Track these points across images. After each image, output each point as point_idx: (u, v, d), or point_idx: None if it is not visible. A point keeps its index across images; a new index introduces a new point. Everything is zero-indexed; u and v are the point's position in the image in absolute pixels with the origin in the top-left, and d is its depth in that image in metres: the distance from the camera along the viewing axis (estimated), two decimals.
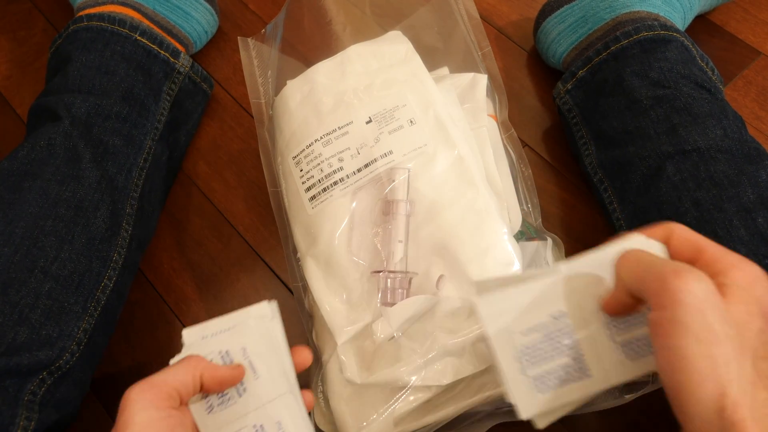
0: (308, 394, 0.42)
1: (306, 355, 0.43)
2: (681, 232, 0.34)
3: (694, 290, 0.28)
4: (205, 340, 0.41)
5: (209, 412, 0.40)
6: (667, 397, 0.30)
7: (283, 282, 0.62)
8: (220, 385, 0.39)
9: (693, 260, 0.33)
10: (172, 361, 0.39)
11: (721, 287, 0.30)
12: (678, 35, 0.60)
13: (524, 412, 0.35)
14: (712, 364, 0.28)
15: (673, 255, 0.34)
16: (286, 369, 0.41)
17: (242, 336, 0.41)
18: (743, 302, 0.30)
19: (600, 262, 0.34)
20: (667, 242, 0.34)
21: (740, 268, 0.32)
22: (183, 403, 0.38)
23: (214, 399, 0.40)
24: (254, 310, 0.42)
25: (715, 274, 0.31)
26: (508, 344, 0.35)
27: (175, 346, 0.60)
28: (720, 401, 0.27)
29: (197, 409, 0.39)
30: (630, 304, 0.32)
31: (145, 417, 0.35)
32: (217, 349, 0.40)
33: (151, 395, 0.36)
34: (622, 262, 0.32)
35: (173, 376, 0.37)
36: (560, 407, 0.36)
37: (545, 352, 0.35)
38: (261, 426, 0.40)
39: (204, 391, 0.39)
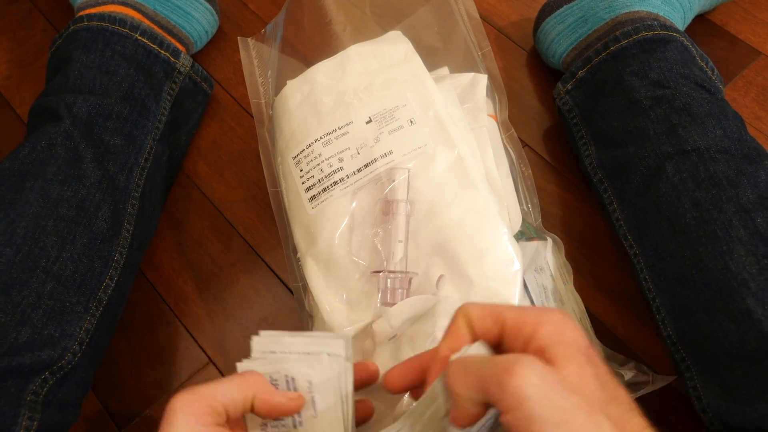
0: (367, 404, 0.41)
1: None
2: (474, 311, 0.34)
3: (530, 381, 0.28)
4: (274, 357, 0.38)
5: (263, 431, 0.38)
6: None
7: (283, 282, 0.62)
8: (271, 411, 0.37)
9: (500, 333, 0.32)
10: (238, 366, 0.37)
11: (542, 354, 0.30)
12: (678, 35, 0.60)
13: None
14: None
15: (480, 336, 0.33)
16: (346, 417, 0.38)
17: (312, 368, 0.38)
18: (568, 359, 0.30)
19: (430, 400, 0.34)
20: (470, 326, 0.34)
21: (545, 322, 0.31)
22: (230, 420, 0.36)
23: (270, 422, 0.38)
24: (330, 345, 0.38)
25: (528, 341, 0.31)
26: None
27: (175, 346, 0.60)
28: None
29: (253, 426, 0.38)
30: (479, 411, 0.31)
31: (187, 431, 0.33)
32: (284, 371, 0.38)
33: (196, 408, 0.34)
34: (452, 380, 0.31)
35: (223, 392, 0.35)
36: None
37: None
38: None
39: (254, 412, 0.37)
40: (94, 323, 0.52)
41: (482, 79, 0.60)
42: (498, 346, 0.33)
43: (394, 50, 0.58)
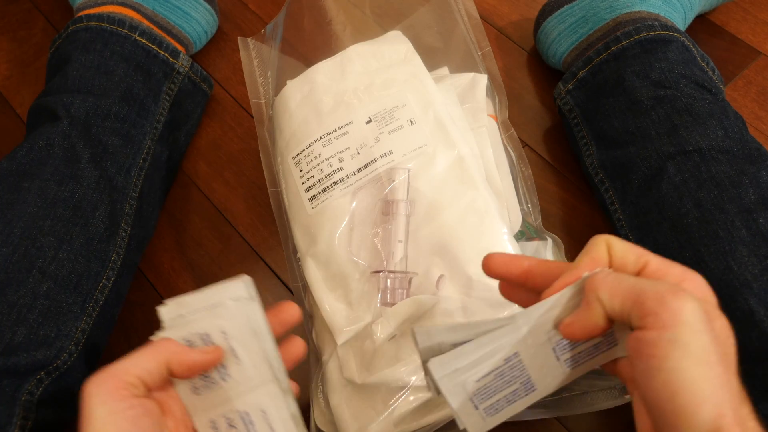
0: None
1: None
2: (617, 241, 0.34)
3: (694, 309, 0.28)
4: (184, 320, 0.39)
5: (194, 392, 0.38)
6: (651, 415, 0.30)
7: (283, 282, 0.62)
8: (190, 370, 0.37)
9: (638, 273, 0.32)
10: (152, 339, 0.37)
11: None
12: (678, 35, 0.60)
13: None
14: (712, 387, 0.28)
15: (618, 267, 0.33)
16: (269, 355, 0.39)
17: (221, 318, 0.38)
18: (714, 317, 0.30)
19: (554, 303, 0.34)
20: (610, 254, 0.34)
21: (691, 279, 0.31)
22: (151, 389, 0.36)
23: (197, 381, 0.38)
24: (231, 290, 0.39)
25: None
26: (462, 393, 0.35)
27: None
28: (717, 422, 0.27)
29: (183, 389, 0.38)
30: (603, 328, 0.31)
31: (105, 411, 0.33)
32: (196, 330, 0.38)
33: (110, 386, 0.34)
34: (600, 284, 0.31)
35: (135, 364, 0.35)
36: (508, 417, 0.37)
37: (497, 388, 0.36)
38: (246, 413, 0.38)
39: (174, 376, 0.37)
40: (90, 323, 0.52)
41: (482, 79, 0.60)
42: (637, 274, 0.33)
43: (394, 50, 0.58)
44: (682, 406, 0.28)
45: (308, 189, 0.54)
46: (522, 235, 0.56)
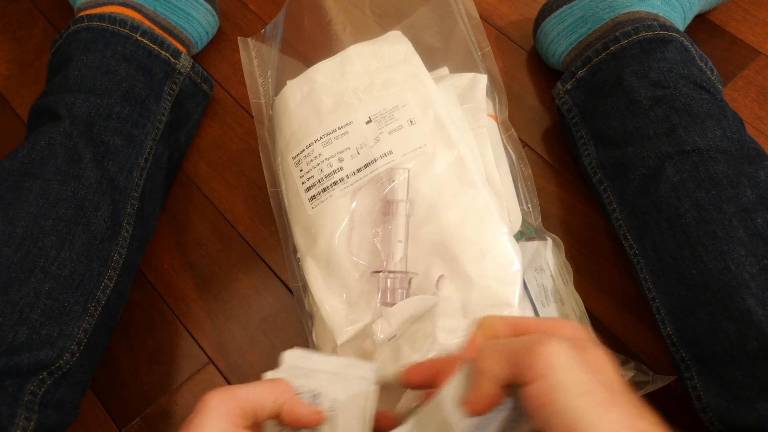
0: None
1: (389, 422, 0.41)
2: (491, 321, 0.35)
3: (560, 352, 0.30)
4: (303, 372, 0.39)
5: None
6: None
7: (283, 282, 0.62)
8: (296, 421, 0.37)
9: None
10: (264, 376, 0.37)
11: None
12: (677, 35, 0.60)
13: None
14: (599, 413, 0.29)
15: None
16: None
17: (338, 387, 0.38)
18: (590, 348, 0.32)
19: (443, 397, 0.35)
20: (490, 335, 0.35)
21: (563, 327, 0.33)
22: (256, 424, 0.37)
23: (288, 431, 0.38)
24: (359, 367, 0.39)
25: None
26: None
27: (175, 346, 0.60)
28: None
29: None
30: (499, 396, 0.33)
31: (217, 428, 0.34)
32: (311, 386, 0.38)
33: (229, 407, 0.34)
34: (482, 356, 0.33)
35: (255, 394, 0.36)
36: None
37: None
38: None
39: (279, 419, 0.37)
40: (92, 323, 0.52)
41: (482, 79, 0.60)
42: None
43: (394, 50, 0.58)
44: None
45: (308, 189, 0.54)
46: (522, 235, 0.56)
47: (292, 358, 0.39)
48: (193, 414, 0.34)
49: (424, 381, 0.39)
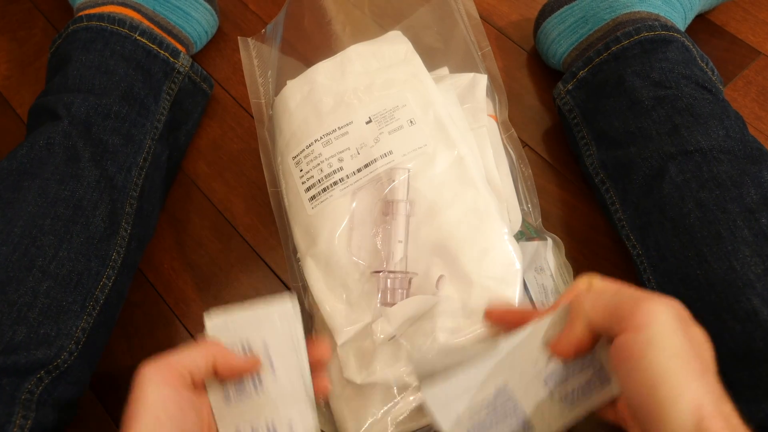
0: (323, 381, 0.43)
1: (324, 349, 0.43)
2: (598, 283, 0.36)
3: (664, 310, 0.30)
4: (227, 329, 0.41)
5: (226, 401, 0.40)
6: (636, 418, 0.31)
7: (283, 282, 0.62)
8: (232, 372, 0.39)
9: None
10: (198, 338, 0.40)
11: None
12: (678, 35, 0.60)
13: None
14: (689, 378, 0.29)
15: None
16: (303, 372, 0.41)
17: (265, 330, 0.41)
18: (694, 325, 0.32)
19: (536, 330, 0.36)
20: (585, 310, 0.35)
21: (667, 299, 0.33)
22: (195, 385, 0.38)
23: (231, 389, 0.40)
24: (277, 306, 0.42)
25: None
26: (458, 428, 0.37)
27: (175, 346, 0.60)
28: (698, 413, 0.28)
29: (215, 395, 0.40)
30: (587, 343, 0.33)
31: (158, 395, 0.35)
32: (239, 339, 0.41)
33: (164, 373, 0.36)
34: (582, 300, 0.33)
35: (187, 357, 0.38)
36: None
37: (493, 423, 0.37)
38: (273, 424, 0.40)
39: (217, 376, 0.39)
40: (90, 323, 0.52)
41: (482, 79, 0.60)
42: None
43: (394, 50, 0.58)
44: (662, 398, 0.29)
45: (308, 189, 0.54)
46: (522, 235, 0.56)
47: (214, 318, 0.42)
48: (133, 386, 0.36)
49: (504, 322, 0.40)
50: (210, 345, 0.39)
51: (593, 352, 0.35)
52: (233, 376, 0.39)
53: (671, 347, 0.29)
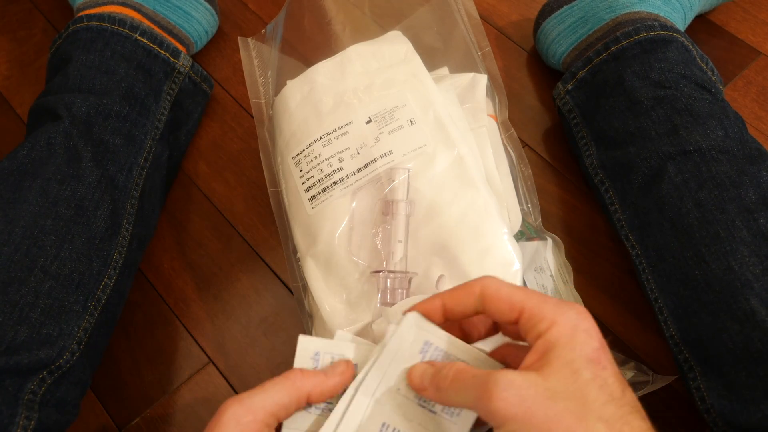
0: None
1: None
2: (492, 290, 0.35)
3: (510, 402, 0.30)
4: (311, 354, 0.39)
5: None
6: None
7: (283, 282, 0.62)
8: (330, 395, 0.37)
9: (516, 319, 0.34)
10: (295, 364, 0.37)
11: (544, 355, 0.32)
12: (678, 35, 0.60)
13: None
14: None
15: (493, 315, 0.35)
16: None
17: (345, 350, 0.39)
18: (564, 365, 0.31)
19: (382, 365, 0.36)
20: (482, 300, 0.35)
21: (558, 323, 0.32)
22: (280, 421, 0.36)
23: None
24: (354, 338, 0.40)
25: (537, 338, 0.32)
26: None
27: (175, 346, 0.60)
28: None
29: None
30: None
31: None
32: (329, 350, 0.38)
33: (246, 421, 0.34)
34: (449, 390, 0.34)
35: (272, 400, 0.35)
36: None
37: None
38: None
39: (309, 402, 0.37)
40: (92, 323, 0.52)
41: (482, 79, 0.60)
42: (515, 324, 0.34)
43: (394, 50, 0.58)
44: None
45: (308, 189, 0.54)
46: (522, 235, 0.56)
47: (303, 343, 0.39)
48: (210, 426, 0.34)
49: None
50: (296, 379, 0.36)
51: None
52: (330, 397, 0.37)
53: (536, 429, 0.30)
